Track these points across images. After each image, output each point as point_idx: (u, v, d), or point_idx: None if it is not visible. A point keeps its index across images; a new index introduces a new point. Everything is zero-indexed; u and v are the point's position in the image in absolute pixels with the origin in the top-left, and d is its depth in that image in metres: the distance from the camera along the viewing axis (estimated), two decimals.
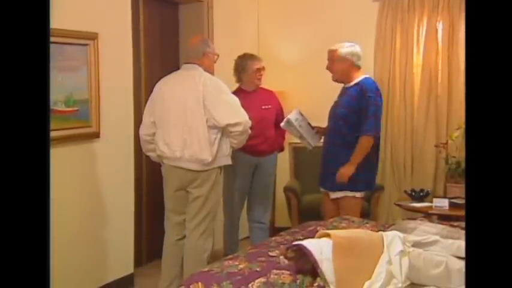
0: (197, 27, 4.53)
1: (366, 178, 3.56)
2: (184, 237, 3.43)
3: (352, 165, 3.46)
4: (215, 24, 4.61)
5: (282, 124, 3.79)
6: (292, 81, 5.07)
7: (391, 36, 4.79)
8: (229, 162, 3.42)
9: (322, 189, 3.76)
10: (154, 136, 3.39)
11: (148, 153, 3.52)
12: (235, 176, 3.99)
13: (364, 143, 3.46)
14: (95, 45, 3.44)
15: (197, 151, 3.22)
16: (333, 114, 3.65)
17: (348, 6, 4.96)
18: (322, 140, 3.81)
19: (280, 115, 4.11)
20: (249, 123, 3.28)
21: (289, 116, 3.75)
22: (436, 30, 4.65)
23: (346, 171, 3.46)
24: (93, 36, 3.43)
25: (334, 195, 3.61)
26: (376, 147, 3.58)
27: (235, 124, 3.22)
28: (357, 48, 3.58)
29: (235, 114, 3.25)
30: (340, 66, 3.57)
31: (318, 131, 3.79)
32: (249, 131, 3.32)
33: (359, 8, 4.92)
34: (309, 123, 3.80)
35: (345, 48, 3.56)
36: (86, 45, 3.40)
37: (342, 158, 3.52)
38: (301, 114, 3.79)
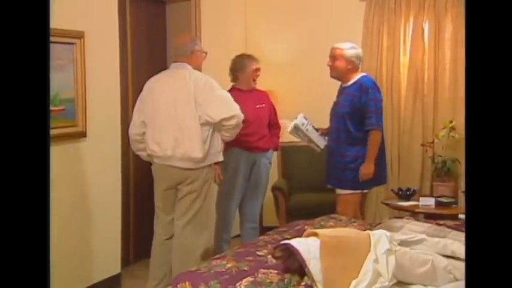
0: (185, 26, 4.52)
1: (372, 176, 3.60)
2: (172, 236, 3.41)
3: (370, 163, 3.57)
4: (203, 23, 4.60)
5: (289, 130, 3.83)
6: (279, 80, 5.07)
7: (378, 36, 4.82)
8: (221, 158, 3.42)
9: (329, 186, 3.81)
10: (144, 135, 3.37)
11: (139, 153, 3.50)
12: (234, 172, 3.98)
13: (373, 138, 3.56)
14: (81, 44, 3.42)
15: (188, 149, 3.22)
16: (336, 114, 3.71)
17: (335, 5, 4.97)
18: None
19: (273, 115, 4.17)
20: (242, 116, 3.29)
21: (295, 122, 3.77)
22: (423, 30, 4.68)
23: (367, 169, 3.56)
24: (79, 35, 3.41)
25: (341, 191, 3.68)
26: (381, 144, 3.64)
27: (230, 118, 3.23)
28: (359, 51, 3.71)
29: (229, 108, 3.25)
30: (343, 65, 3.66)
31: (323, 132, 3.83)
32: (241, 125, 3.33)
33: (346, 7, 4.94)
34: (313, 126, 3.83)
35: (350, 49, 3.66)
36: (72, 44, 3.38)
37: (351, 156, 3.60)
38: (306, 118, 3.82)
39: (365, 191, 3.73)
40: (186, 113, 3.21)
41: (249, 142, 3.89)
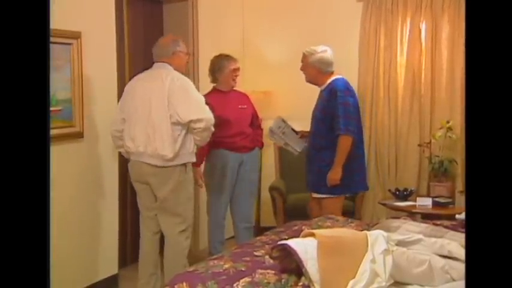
0: (182, 27, 4.51)
1: (348, 182, 3.57)
2: (158, 232, 3.46)
3: (337, 167, 3.51)
4: (200, 23, 4.59)
5: (268, 134, 3.83)
6: (277, 81, 5.07)
7: (375, 36, 4.82)
8: (193, 159, 3.42)
9: (308, 190, 3.80)
10: (123, 132, 3.41)
11: (119, 149, 3.55)
12: (223, 174, 4.00)
13: (342, 143, 3.49)
14: (78, 44, 3.41)
15: (159, 147, 3.24)
16: (313, 118, 3.71)
17: (332, 6, 4.98)
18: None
19: (255, 116, 4.20)
20: (212, 120, 3.29)
21: (270, 126, 3.80)
22: (420, 31, 4.69)
23: (333, 175, 3.52)
24: (76, 35, 3.40)
25: (317, 195, 3.67)
26: (355, 150, 3.58)
27: (198, 120, 3.23)
28: (326, 55, 3.61)
29: (199, 110, 3.25)
30: (309, 71, 3.66)
31: (303, 135, 3.81)
32: (212, 129, 3.33)
33: (343, 8, 4.95)
34: (293, 129, 3.83)
35: (314, 55, 3.61)
36: (70, 44, 3.37)
37: (324, 160, 3.57)
38: (284, 121, 3.83)
39: (340, 196, 3.66)
40: (159, 111, 3.24)
41: (234, 143, 3.92)
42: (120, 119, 3.42)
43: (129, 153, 3.42)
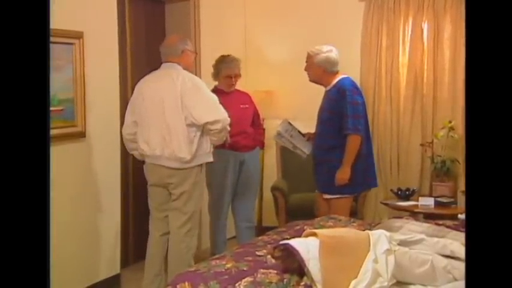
0: (184, 27, 4.51)
1: (358, 181, 3.58)
2: (166, 233, 3.44)
3: (346, 167, 3.50)
4: (202, 23, 4.59)
5: (274, 137, 3.83)
6: (279, 80, 5.07)
7: (377, 36, 4.82)
8: (211, 159, 3.42)
9: (316, 191, 3.79)
10: (136, 135, 3.39)
11: (132, 152, 3.54)
12: (224, 174, 4.00)
13: (351, 143, 3.49)
14: (80, 44, 3.42)
15: (176, 149, 3.23)
16: (319, 119, 3.70)
17: (334, 5, 4.97)
18: None
19: (256, 115, 4.21)
20: (228, 120, 3.28)
21: (278, 129, 3.78)
22: (422, 30, 4.68)
23: (342, 174, 3.50)
24: (78, 35, 3.41)
25: (328, 196, 3.65)
26: (364, 148, 3.58)
27: (214, 122, 3.22)
28: (332, 54, 3.60)
29: (214, 112, 3.24)
30: (314, 71, 3.64)
31: (309, 137, 3.80)
32: (228, 128, 3.32)
33: (345, 7, 4.94)
34: (299, 132, 3.82)
35: (320, 54, 3.59)
36: (71, 44, 3.38)
37: (334, 160, 3.55)
38: (290, 124, 3.81)
39: (351, 195, 3.68)
40: (173, 114, 3.22)
41: (235, 142, 3.92)
42: (131, 122, 3.39)
43: (143, 156, 3.39)
